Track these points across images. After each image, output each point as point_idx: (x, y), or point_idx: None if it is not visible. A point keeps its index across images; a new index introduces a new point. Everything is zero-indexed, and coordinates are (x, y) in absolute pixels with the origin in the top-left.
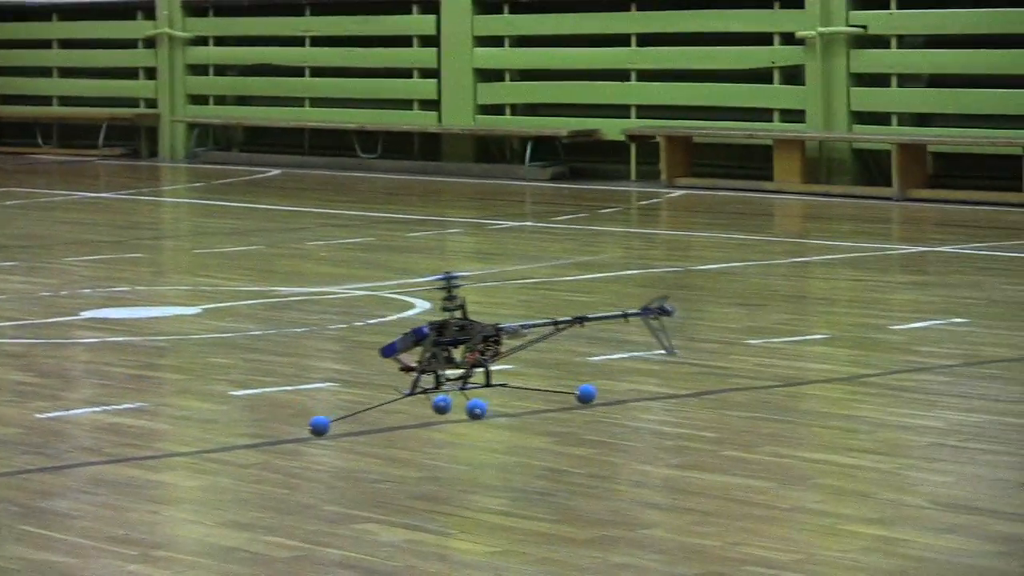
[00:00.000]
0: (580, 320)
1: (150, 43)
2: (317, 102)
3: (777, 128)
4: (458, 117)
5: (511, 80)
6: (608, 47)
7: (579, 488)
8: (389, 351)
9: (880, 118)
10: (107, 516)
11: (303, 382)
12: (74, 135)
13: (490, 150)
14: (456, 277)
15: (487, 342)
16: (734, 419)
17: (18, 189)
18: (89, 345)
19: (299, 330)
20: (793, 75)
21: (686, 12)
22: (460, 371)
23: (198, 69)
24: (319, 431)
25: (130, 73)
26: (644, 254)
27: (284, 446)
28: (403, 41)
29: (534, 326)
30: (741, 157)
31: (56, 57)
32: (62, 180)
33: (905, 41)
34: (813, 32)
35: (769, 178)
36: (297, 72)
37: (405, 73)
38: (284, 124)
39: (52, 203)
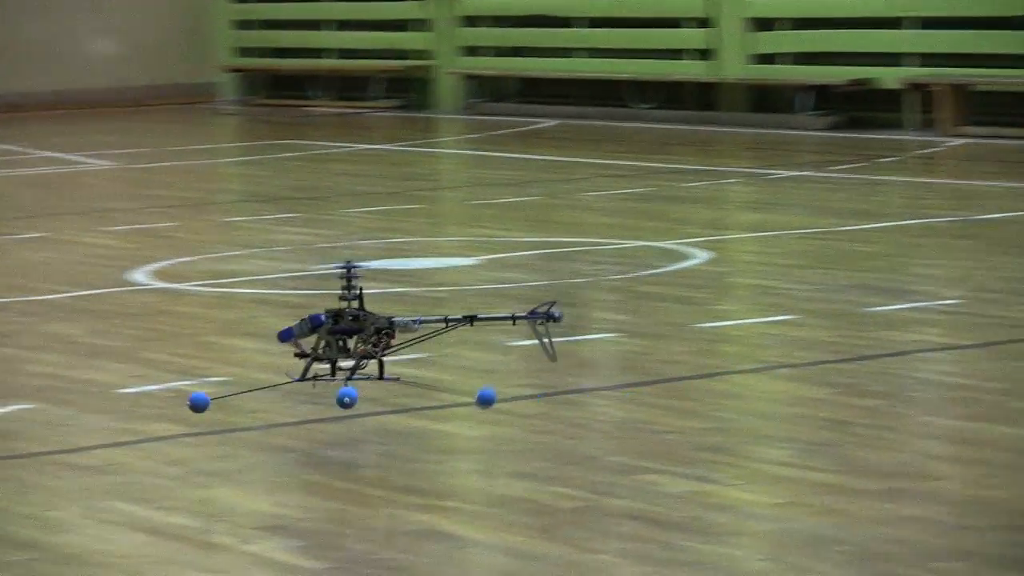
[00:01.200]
0: (470, 320)
1: None
2: (590, 53)
3: None
4: (732, 66)
5: (785, 28)
6: None
7: (864, 439)
8: (286, 336)
9: None
10: (393, 465)
11: (583, 333)
12: (347, 87)
13: (764, 100)
14: (356, 267)
15: (379, 334)
16: (1019, 370)
17: (295, 141)
18: (370, 296)
19: (577, 281)
20: None
21: None
22: (352, 361)
23: (472, 20)
24: (198, 408)
25: (403, 25)
26: (924, 203)
27: (566, 396)
28: None
29: (425, 322)
30: (1020, 105)
31: (330, 10)
32: (337, 132)
33: None
34: None
35: None
36: (569, 23)
37: (676, 23)
38: (557, 75)
39: (328, 155)
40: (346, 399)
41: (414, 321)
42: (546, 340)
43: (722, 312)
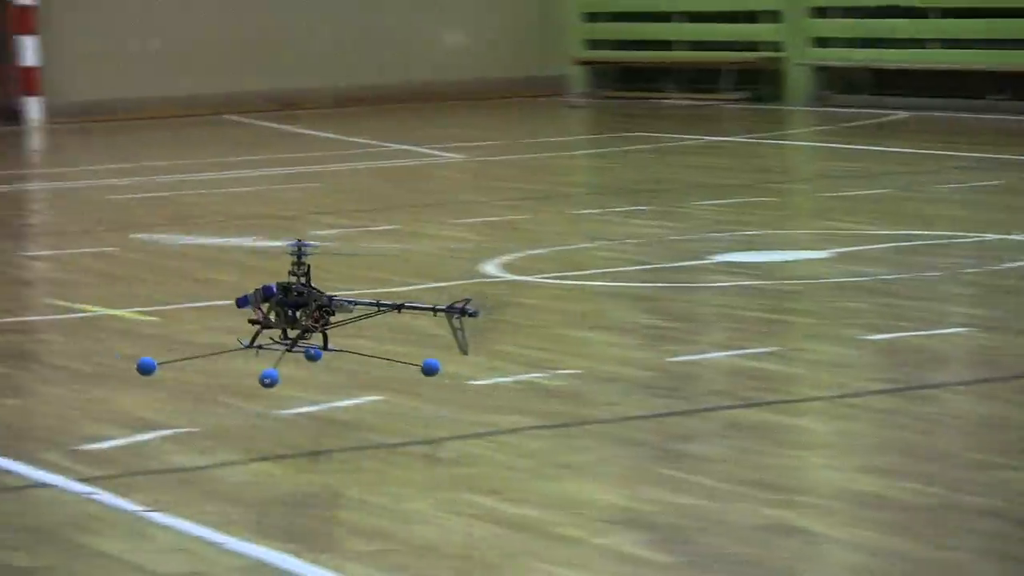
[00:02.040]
0: (398, 307)
1: None
2: (943, 43)
3: None
4: None
5: None
6: None
7: None
8: (242, 302)
9: None
10: (745, 460)
11: (939, 327)
12: (697, 79)
13: None
14: (308, 245)
15: (320, 311)
16: None
17: (644, 134)
18: (720, 289)
19: (932, 274)
20: None
21: None
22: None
23: (822, 11)
24: (145, 371)
25: (753, 17)
26: None
27: (920, 391)
28: None
29: (359, 304)
30: None
31: (681, 2)
32: (686, 124)
33: None
34: None
35: None
36: (923, 14)
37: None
38: (908, 66)
39: (678, 147)
40: (266, 380)
41: (350, 302)
42: (460, 334)
43: None
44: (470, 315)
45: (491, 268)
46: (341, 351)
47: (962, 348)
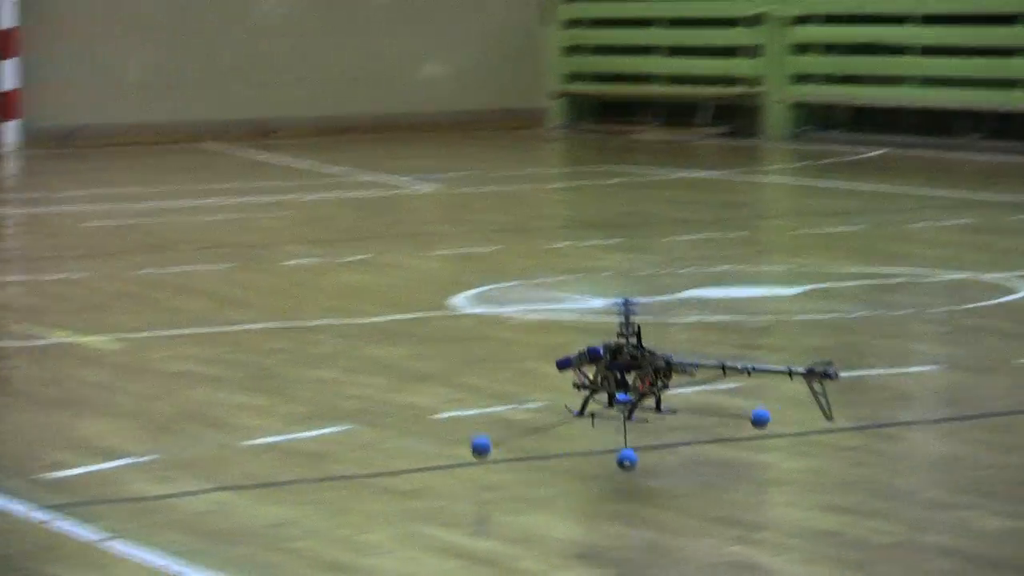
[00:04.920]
0: (747, 370)
1: (753, 21)
2: (922, 82)
3: None
4: None
5: None
6: None
7: None
8: (564, 364)
9: None
10: (706, 496)
11: (905, 365)
12: (675, 114)
13: None
14: (633, 304)
15: (657, 374)
16: None
17: (620, 167)
18: (689, 324)
19: (901, 312)
20: None
21: None
22: (631, 397)
23: (802, 48)
24: (480, 451)
25: (731, 52)
26: None
27: (884, 429)
28: (1008, 19)
29: (702, 366)
30: None
31: (660, 36)
32: (663, 158)
33: None
34: None
35: None
36: (901, 51)
37: (1010, 52)
38: (887, 104)
39: (653, 181)
40: (626, 462)
41: (691, 364)
42: (822, 399)
43: None
44: (831, 378)
45: (461, 300)
46: (674, 412)
47: (928, 387)
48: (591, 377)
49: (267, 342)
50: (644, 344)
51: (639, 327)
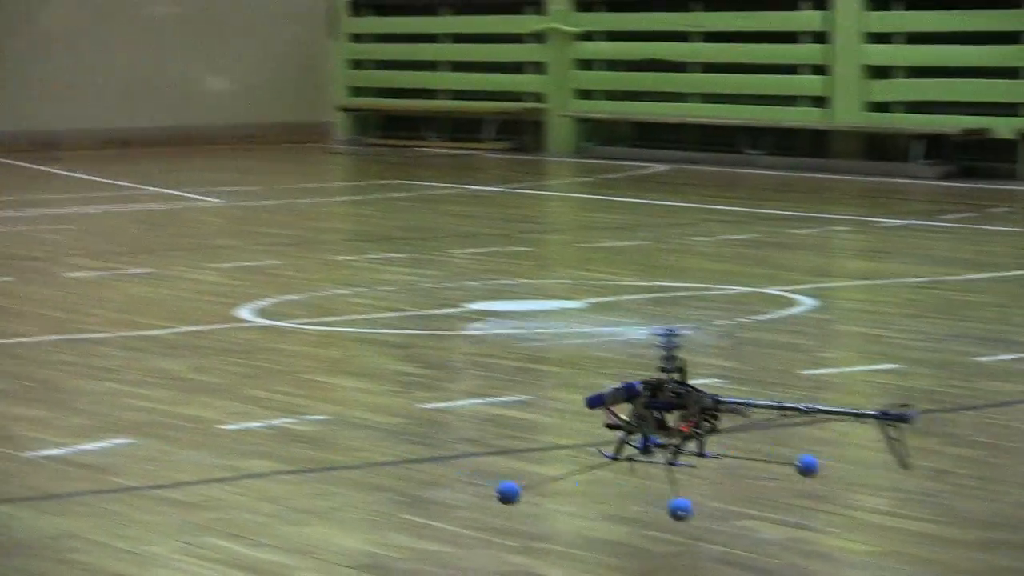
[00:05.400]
0: (809, 411)
1: (537, 38)
2: (703, 98)
3: None
4: (847, 114)
5: (898, 76)
6: (998, 44)
7: (964, 489)
8: (595, 401)
9: None
10: (490, 507)
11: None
12: (460, 129)
13: (877, 147)
14: (677, 334)
15: (704, 414)
16: None
17: (405, 182)
18: (473, 337)
19: (683, 325)
20: None
21: None
22: (671, 439)
23: (586, 64)
24: (507, 498)
25: (516, 68)
26: None
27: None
28: (789, 37)
29: (757, 406)
30: None
31: (445, 52)
32: (448, 173)
33: None
34: None
35: None
36: (683, 68)
37: (791, 69)
38: (670, 120)
39: (438, 196)
40: (680, 512)
41: (744, 404)
42: (897, 445)
43: (826, 359)
44: (907, 421)
45: (245, 313)
46: (718, 457)
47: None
48: (626, 417)
49: (49, 355)
50: (688, 381)
51: (684, 361)
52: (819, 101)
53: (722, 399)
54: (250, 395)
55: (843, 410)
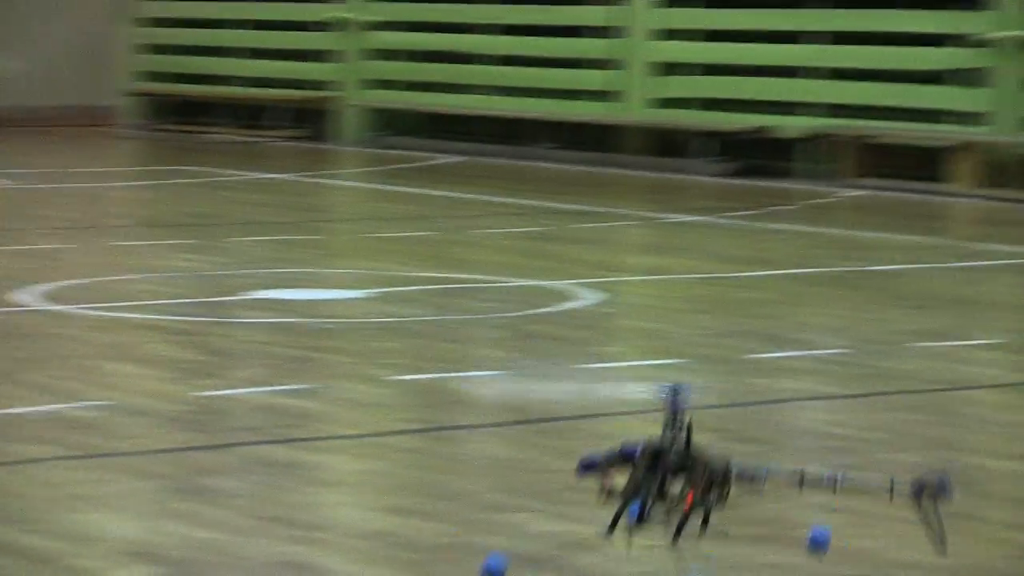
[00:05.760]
0: (834, 480)
1: (331, 26)
2: (496, 90)
3: (956, 131)
4: (635, 110)
5: (688, 74)
6: (784, 43)
7: None
8: (587, 466)
9: None
10: (266, 496)
11: (468, 369)
12: (253, 116)
13: (665, 144)
14: (684, 393)
15: (713, 483)
16: (898, 421)
17: (194, 168)
18: (256, 325)
19: (465, 318)
20: (968, 78)
21: (863, 11)
22: (675, 511)
23: (379, 54)
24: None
25: (309, 56)
26: (814, 252)
27: (445, 432)
28: (581, 31)
29: (775, 473)
30: (919, 159)
31: (238, 37)
32: (237, 160)
33: None
34: (1003, 34)
35: (946, 180)
36: (474, 60)
37: (582, 64)
38: (461, 112)
39: (226, 183)
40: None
41: (762, 471)
42: (933, 521)
43: (607, 353)
44: (946, 496)
45: (27, 297)
46: (727, 534)
47: (490, 391)
48: (621, 483)
49: None
50: (695, 444)
51: (691, 422)
52: (608, 96)
53: (735, 465)
54: (28, 380)
55: (872, 482)
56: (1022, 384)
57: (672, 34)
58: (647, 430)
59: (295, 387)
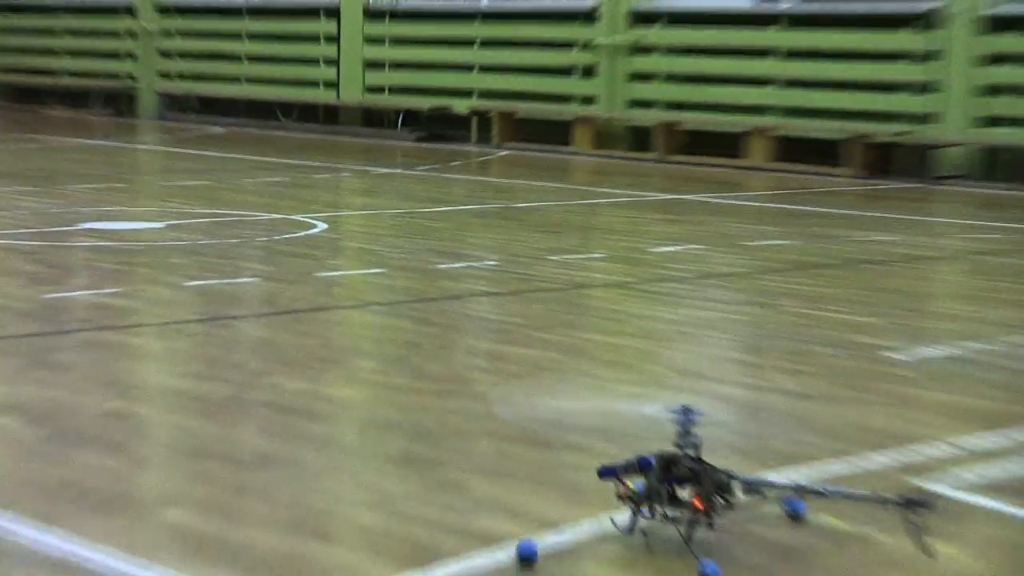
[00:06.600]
0: (828, 493)
1: (131, 35)
2: (251, 80)
3: (578, 109)
4: (351, 94)
5: (389, 70)
6: (456, 47)
7: (429, 356)
8: (606, 473)
9: (649, 104)
10: (97, 367)
11: (236, 277)
12: (76, 98)
13: (373, 119)
14: (695, 413)
15: (719, 491)
16: (538, 310)
17: (34, 135)
18: (85, 247)
19: (234, 241)
20: (588, 71)
21: (508, 23)
22: (683, 513)
23: (168, 54)
24: (527, 557)
25: (118, 55)
26: (479, 194)
27: (222, 321)
28: (314, 38)
29: (775, 486)
30: (551, 129)
31: (64, 44)
32: (66, 130)
33: (669, 50)
34: (607, 40)
35: (570, 144)
36: (240, 58)
37: (315, 61)
38: (228, 96)
39: (59, 147)
40: (707, 572)
41: (763, 483)
42: (918, 531)
43: (335, 266)
44: (930, 508)
45: None
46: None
47: (252, 292)
48: (635, 488)
49: None
50: (704, 459)
51: (701, 439)
52: (332, 85)
53: (738, 477)
54: None
55: (864, 495)
56: (624, 284)
57: (372, 40)
58: (364, 318)
59: (115, 290)
